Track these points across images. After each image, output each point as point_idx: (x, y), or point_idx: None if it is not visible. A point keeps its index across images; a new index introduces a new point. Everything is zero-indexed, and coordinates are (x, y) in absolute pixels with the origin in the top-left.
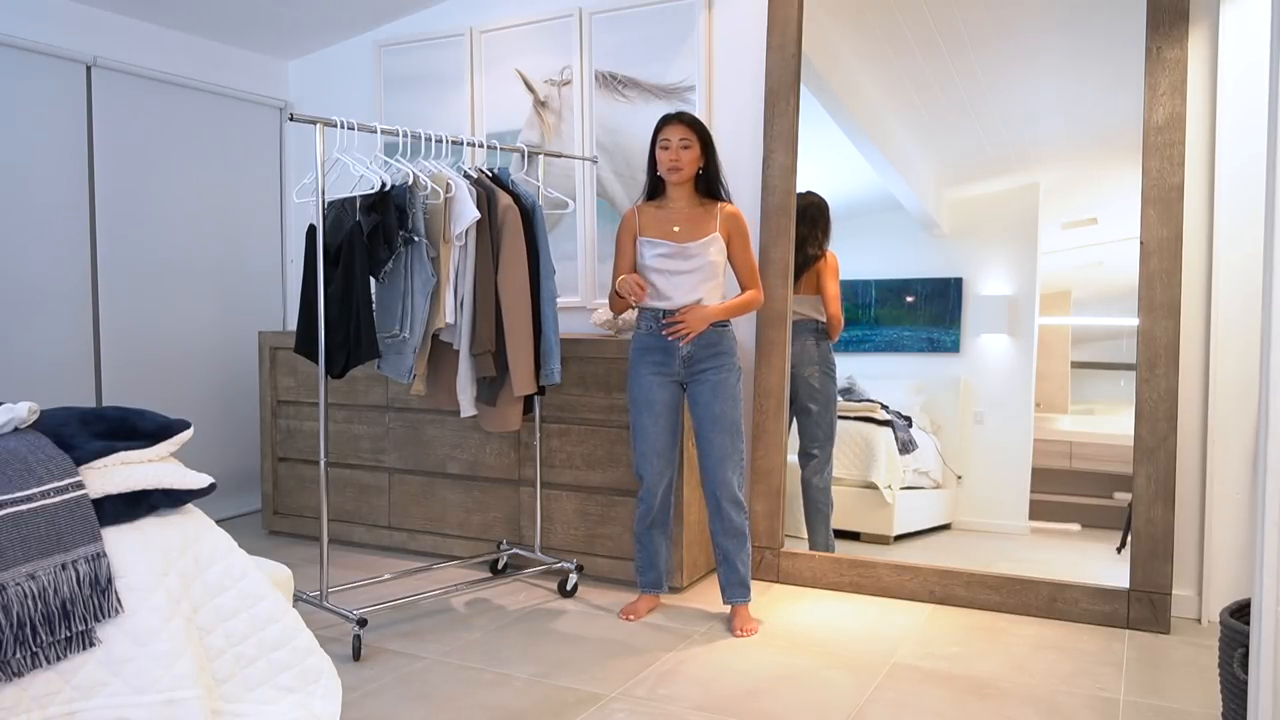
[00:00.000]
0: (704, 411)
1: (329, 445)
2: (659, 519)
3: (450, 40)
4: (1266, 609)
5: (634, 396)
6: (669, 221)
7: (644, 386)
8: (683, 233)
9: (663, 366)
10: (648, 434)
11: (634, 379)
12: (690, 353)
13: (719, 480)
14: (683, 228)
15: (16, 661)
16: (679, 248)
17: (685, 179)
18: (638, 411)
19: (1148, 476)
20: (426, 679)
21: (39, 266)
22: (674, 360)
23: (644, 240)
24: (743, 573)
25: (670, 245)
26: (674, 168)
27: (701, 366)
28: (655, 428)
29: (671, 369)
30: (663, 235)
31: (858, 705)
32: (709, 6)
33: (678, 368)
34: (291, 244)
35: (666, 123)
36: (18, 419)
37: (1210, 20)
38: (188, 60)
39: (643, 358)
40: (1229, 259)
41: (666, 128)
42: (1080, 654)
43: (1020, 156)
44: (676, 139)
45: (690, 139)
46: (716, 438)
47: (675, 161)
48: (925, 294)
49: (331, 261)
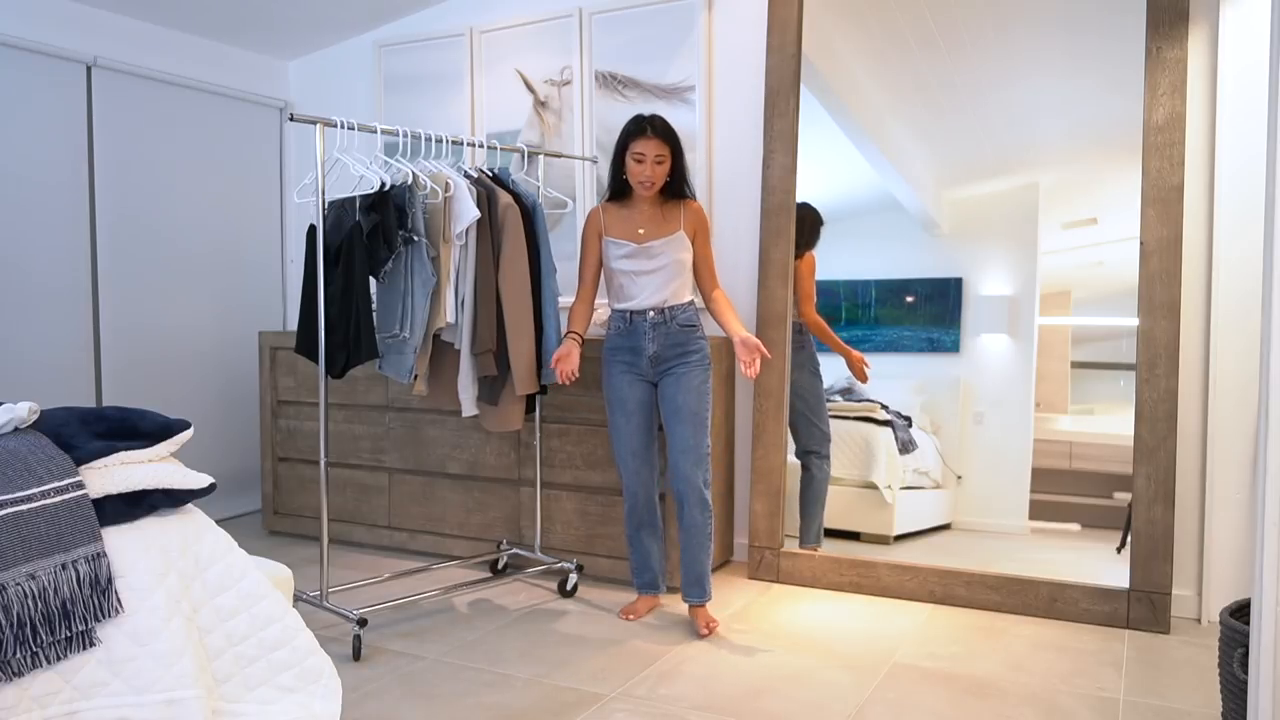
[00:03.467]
0: (668, 405)
1: (329, 445)
2: (646, 519)
3: (450, 40)
4: (1266, 609)
5: (608, 397)
6: (633, 222)
7: (615, 386)
8: (647, 233)
9: (633, 366)
10: (621, 433)
11: (606, 379)
12: (657, 351)
13: (681, 474)
14: (647, 228)
15: (16, 661)
16: (642, 248)
17: (655, 192)
18: (611, 411)
19: (1148, 476)
20: (426, 679)
21: (39, 266)
22: (642, 359)
23: (609, 241)
24: (698, 572)
25: (634, 246)
26: (647, 183)
27: (670, 364)
28: (629, 426)
29: (640, 367)
30: (627, 236)
31: (858, 705)
32: (709, 6)
33: (646, 366)
34: (291, 244)
35: (640, 134)
36: (18, 419)
37: (1210, 20)
38: (188, 60)
39: (613, 357)
40: (1229, 259)
41: (640, 140)
42: (1080, 654)
43: (1020, 156)
44: (652, 154)
45: (664, 154)
46: (678, 429)
47: (649, 178)
48: (925, 294)
49: (331, 261)
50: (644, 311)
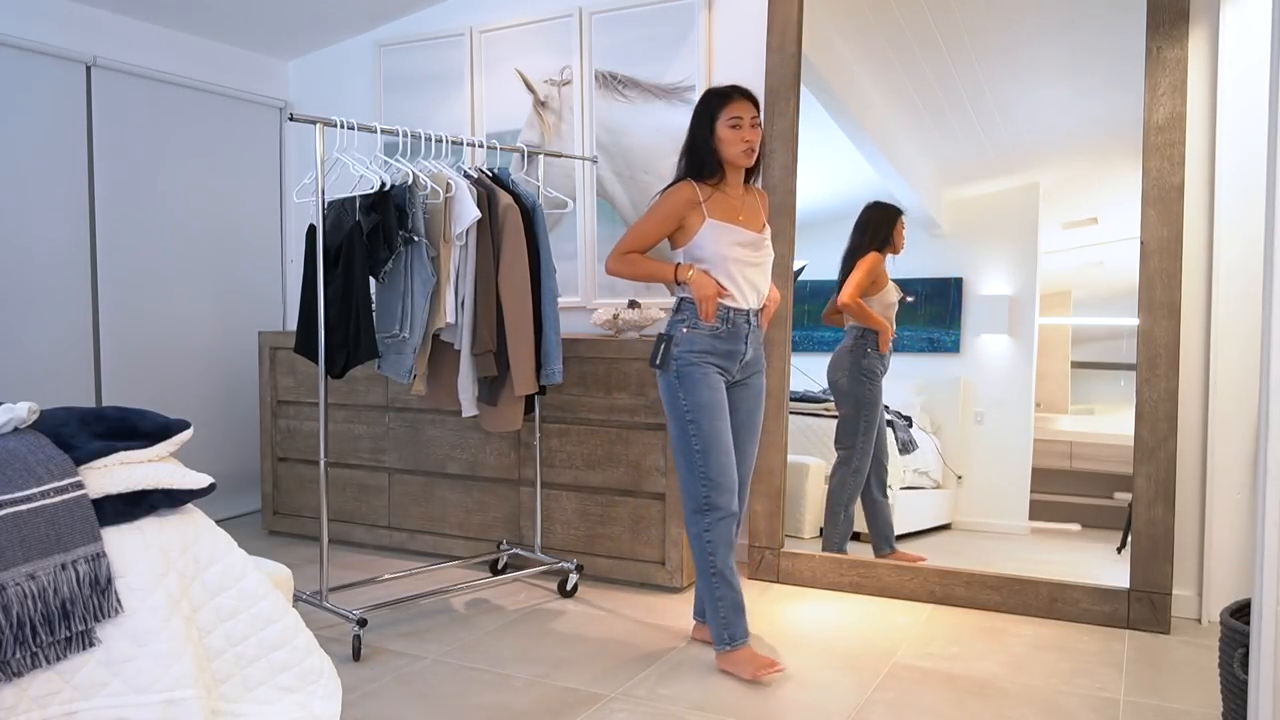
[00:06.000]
0: (747, 419)
1: (329, 445)
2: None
3: (450, 40)
4: (1266, 609)
5: (703, 401)
6: (733, 209)
7: (714, 386)
8: (748, 222)
9: (725, 371)
10: (725, 440)
11: (699, 380)
12: (753, 356)
13: (743, 498)
14: (746, 216)
15: (16, 661)
16: (756, 238)
17: (751, 164)
18: (711, 417)
19: (1148, 476)
20: (426, 679)
21: (39, 266)
22: (735, 364)
23: (717, 225)
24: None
25: (748, 234)
26: (751, 149)
27: (751, 370)
28: (728, 435)
29: (731, 373)
30: (734, 222)
31: (857, 705)
32: (709, 6)
33: (736, 371)
34: (291, 244)
35: (729, 98)
36: (18, 419)
37: (1210, 20)
38: (188, 60)
39: (704, 360)
40: (1229, 259)
41: (733, 103)
42: (1080, 654)
43: (1020, 156)
44: (749, 117)
45: (759, 117)
46: (750, 448)
47: (751, 143)
48: (925, 294)
49: (331, 261)
50: (746, 311)
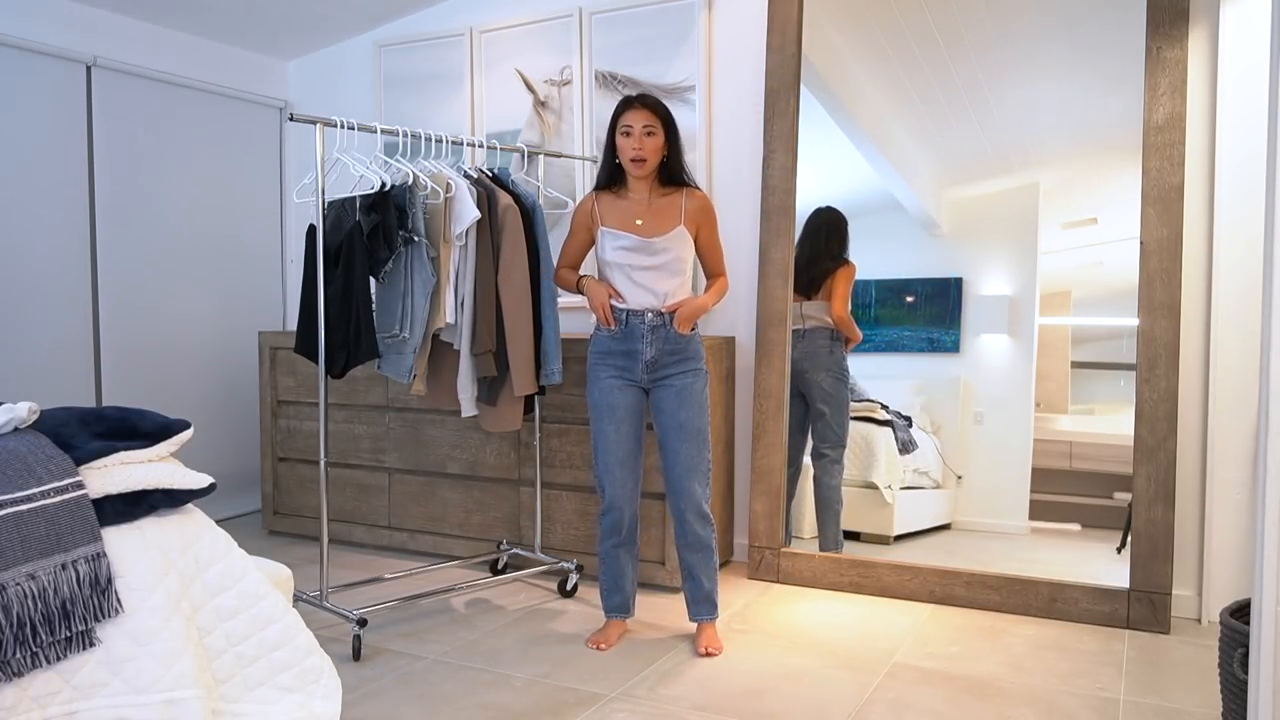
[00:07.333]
0: (669, 419)
1: (329, 445)
2: (627, 537)
3: (450, 40)
4: (1266, 609)
5: (594, 401)
6: (631, 213)
7: (605, 390)
8: (646, 225)
9: (625, 371)
10: (610, 441)
11: (593, 383)
12: (655, 356)
13: (683, 492)
14: (646, 220)
15: (16, 661)
16: (643, 242)
17: (649, 171)
18: (598, 418)
19: (1148, 476)
20: (426, 679)
21: (39, 266)
22: (637, 364)
23: (606, 231)
24: (708, 588)
25: (634, 238)
26: (637, 158)
27: (666, 371)
28: (618, 435)
29: (634, 373)
30: (625, 227)
31: (858, 705)
32: (709, 6)
33: (640, 372)
34: (291, 244)
35: (627, 107)
36: (18, 419)
37: (1210, 20)
38: (188, 60)
39: (603, 361)
40: (1229, 259)
41: (628, 113)
42: (1080, 654)
43: (1020, 156)
44: (639, 125)
45: (654, 125)
46: (682, 447)
47: (639, 151)
48: (925, 294)
49: (331, 261)
50: (642, 312)
